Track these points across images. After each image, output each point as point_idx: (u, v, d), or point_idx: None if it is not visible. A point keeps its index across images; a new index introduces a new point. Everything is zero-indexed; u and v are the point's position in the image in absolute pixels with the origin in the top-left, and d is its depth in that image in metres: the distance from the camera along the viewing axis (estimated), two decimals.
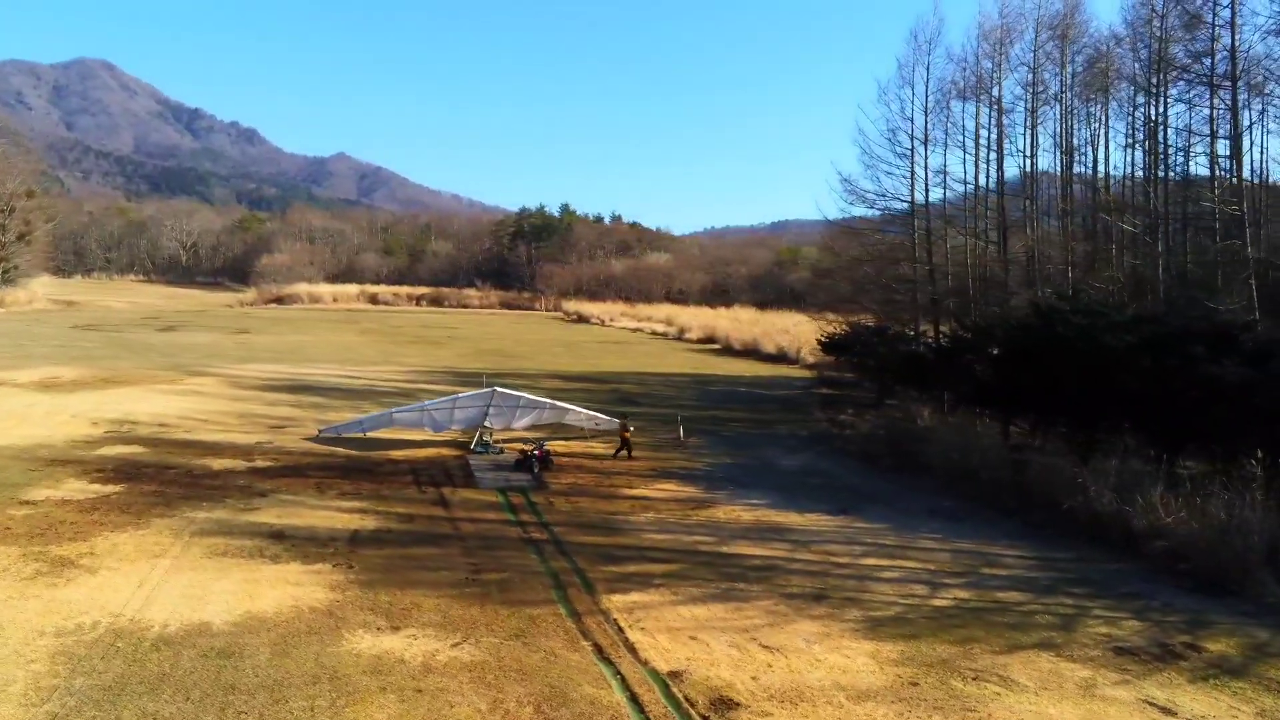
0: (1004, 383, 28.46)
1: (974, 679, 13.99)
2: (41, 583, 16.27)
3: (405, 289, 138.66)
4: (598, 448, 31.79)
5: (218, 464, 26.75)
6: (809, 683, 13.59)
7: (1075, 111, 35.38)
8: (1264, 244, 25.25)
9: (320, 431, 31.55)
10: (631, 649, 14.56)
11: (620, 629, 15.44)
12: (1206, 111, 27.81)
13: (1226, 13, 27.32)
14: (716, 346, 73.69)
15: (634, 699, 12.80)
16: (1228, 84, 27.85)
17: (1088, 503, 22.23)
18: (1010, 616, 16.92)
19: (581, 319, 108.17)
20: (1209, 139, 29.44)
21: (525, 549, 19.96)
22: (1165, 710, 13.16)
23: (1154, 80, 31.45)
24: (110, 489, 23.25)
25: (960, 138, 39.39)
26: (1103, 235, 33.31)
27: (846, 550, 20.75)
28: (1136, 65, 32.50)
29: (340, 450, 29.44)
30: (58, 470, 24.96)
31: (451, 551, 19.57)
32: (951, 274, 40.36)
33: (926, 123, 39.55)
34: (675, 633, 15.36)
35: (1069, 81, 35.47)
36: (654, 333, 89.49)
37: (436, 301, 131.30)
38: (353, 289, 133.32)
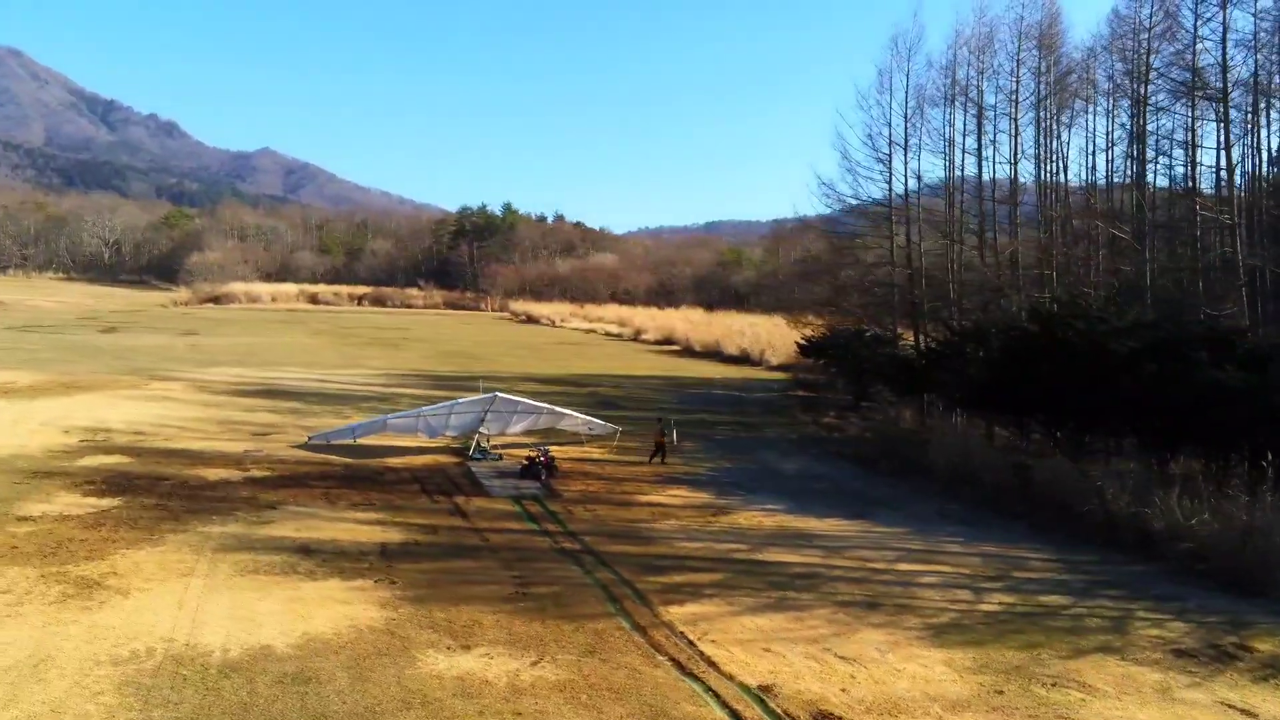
0: (1002, 386, 28.95)
1: (1053, 685, 14.10)
2: (73, 606, 15.35)
3: (345, 288, 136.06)
4: (595, 453, 31.48)
5: (212, 474, 25.71)
6: (898, 694, 13.55)
7: (1057, 119, 36.19)
8: (1264, 252, 26.11)
9: (310, 438, 30.59)
10: (711, 663, 14.33)
11: (691, 642, 15.19)
12: (1196, 120, 28.72)
13: (1215, 26, 28.38)
14: (676, 348, 73.78)
15: (736, 716, 12.59)
16: (1206, 93, 28.89)
17: (1103, 505, 22.72)
18: (1061, 620, 17.15)
19: (530, 320, 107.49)
20: (1189, 147, 30.55)
21: (562, 560, 19.57)
22: (1246, 713, 13.43)
23: (1137, 89, 32.41)
24: (108, 502, 22.15)
25: (940, 143, 40.15)
26: (1086, 241, 34.15)
27: (879, 556, 20.84)
28: (1121, 74, 33.41)
29: (335, 458, 28.56)
30: (44, 483, 23.71)
31: (489, 564, 19.07)
32: (927, 277, 41.03)
33: (906, 128, 40.26)
34: (747, 645, 15.18)
35: (1051, 89, 36.28)
36: (608, 334, 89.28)
37: (379, 301, 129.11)
38: (291, 288, 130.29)
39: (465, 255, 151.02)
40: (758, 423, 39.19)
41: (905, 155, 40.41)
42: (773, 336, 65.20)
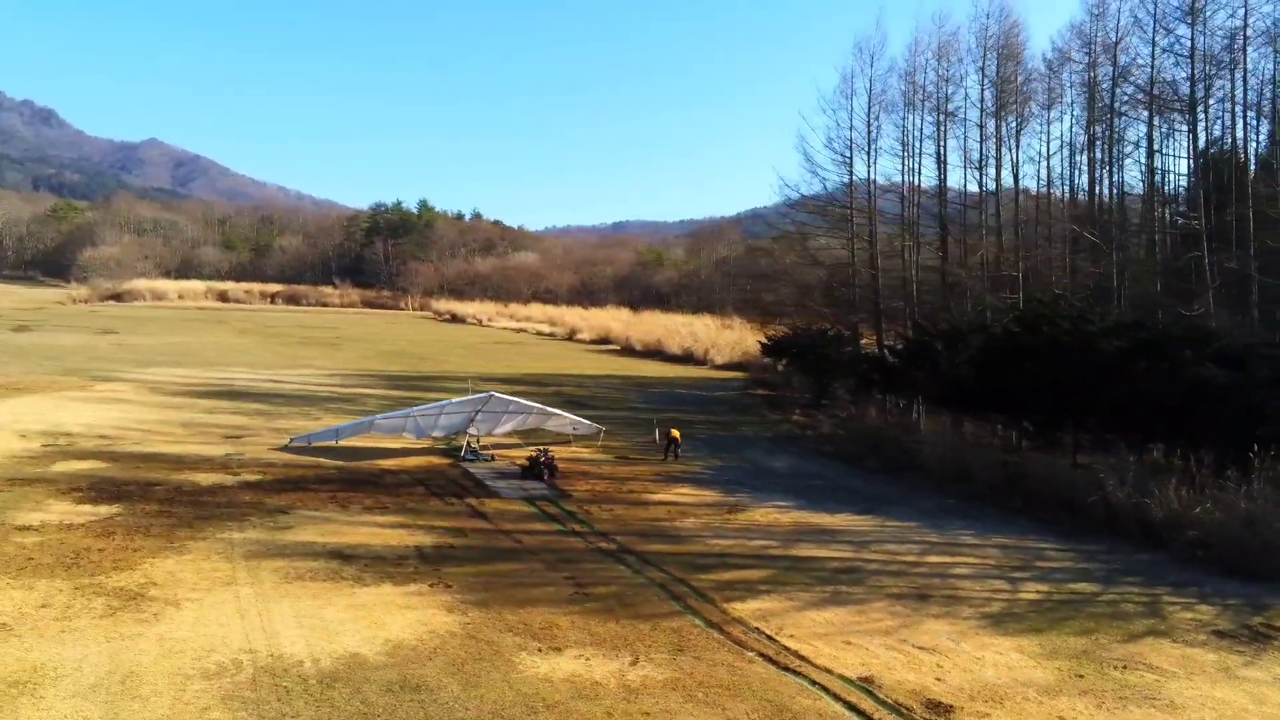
0: (986, 385, 29.91)
1: (1124, 668, 14.71)
2: (128, 619, 14.49)
3: (256, 286, 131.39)
4: (583, 452, 31.27)
5: (203, 479, 24.57)
6: (990, 681, 13.92)
7: (1019, 125, 37.63)
8: (1240, 255, 27.68)
9: (291, 440, 29.54)
10: (802, 658, 14.44)
11: (771, 638, 15.28)
12: (1156, 128, 30.28)
13: (1174, 40, 30.00)
14: (615, 348, 73.72)
15: (852, 708, 12.73)
16: (1169, 104, 30.53)
17: (1103, 497, 23.75)
18: (1099, 607, 17.87)
19: (455, 319, 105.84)
20: (1151, 155, 32.21)
21: (605, 561, 19.41)
22: None
23: (1097, 99, 33.99)
24: (107, 510, 20.97)
25: (898, 147, 41.26)
26: (1047, 243, 35.61)
27: (905, 550, 21.31)
28: (1080, 85, 34.98)
29: (324, 460, 27.65)
30: (28, 490, 22.31)
31: (534, 566, 18.78)
32: (887, 276, 42.11)
33: (869, 132, 41.26)
34: (827, 639, 15.36)
35: (1013, 96, 37.68)
36: (539, 333, 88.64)
37: (293, 300, 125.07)
38: (198, 285, 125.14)
39: (380, 253, 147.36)
40: (730, 421, 39.54)
41: (869, 158, 41.48)
42: (716, 336, 65.86)
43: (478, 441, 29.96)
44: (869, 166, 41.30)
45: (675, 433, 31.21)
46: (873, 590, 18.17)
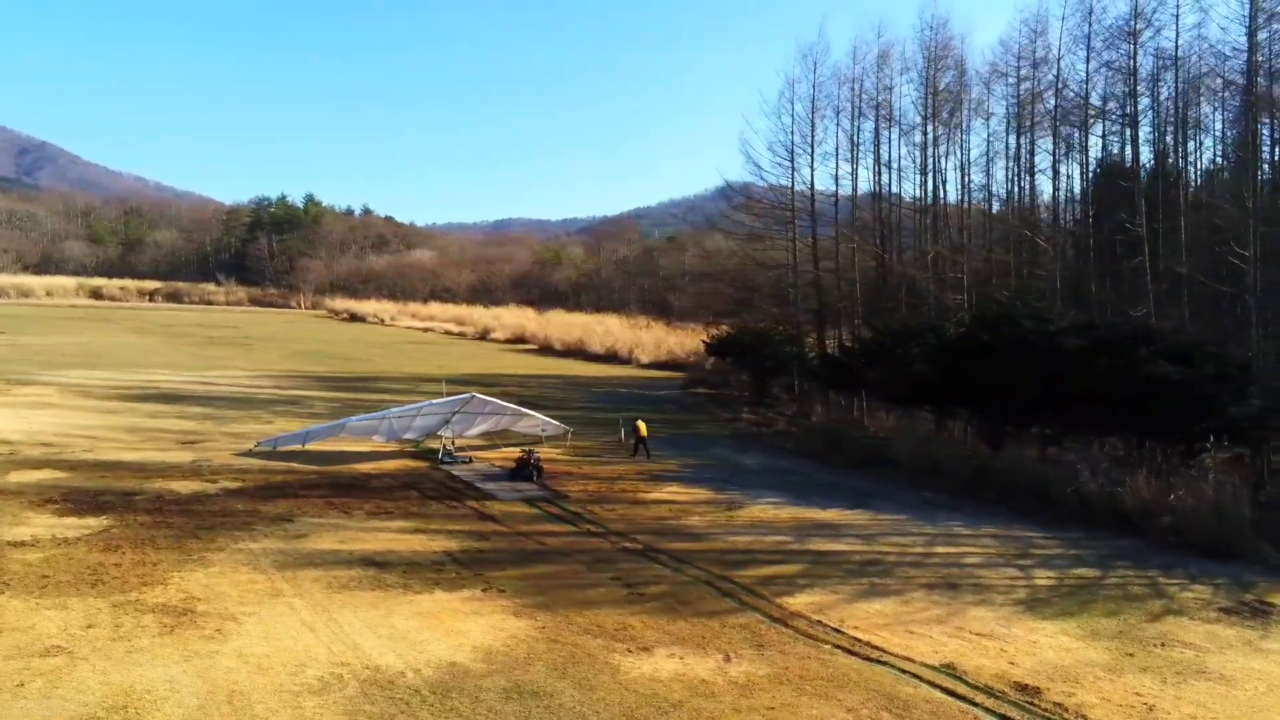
0: (947, 382, 31.22)
1: (1162, 646, 15.72)
2: (192, 637, 13.71)
3: (132, 283, 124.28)
4: (552, 453, 30.92)
5: (180, 487, 23.35)
6: (1056, 662, 14.67)
7: (963, 136, 39.41)
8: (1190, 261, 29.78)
9: (257, 445, 28.33)
10: (877, 648, 14.87)
11: (837, 630, 15.67)
12: (1108, 141, 32.32)
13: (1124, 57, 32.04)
14: (533, 347, 73.19)
15: (950, 693, 13.23)
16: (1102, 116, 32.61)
17: (1076, 488, 25.21)
18: (1110, 590, 19.00)
19: (354, 318, 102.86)
20: (1084, 164, 34.30)
21: (640, 560, 19.42)
22: None
23: (1024, 110, 35.95)
24: (96, 522, 19.73)
25: (832, 153, 42.62)
26: (988, 247, 37.44)
27: (910, 542, 22.08)
28: (1013, 97, 36.91)
29: (296, 465, 26.65)
30: None
31: (574, 568, 18.65)
32: (826, 279, 43.37)
33: (813, 136, 42.40)
34: (889, 629, 15.85)
35: (949, 106, 39.44)
36: (448, 333, 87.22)
37: (174, 298, 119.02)
38: (68, 282, 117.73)
39: (265, 249, 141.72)
40: (683, 420, 39.96)
41: (812, 162, 42.60)
42: (638, 336, 66.31)
43: (452, 443, 29.36)
44: (810, 169, 42.40)
45: (642, 427, 31.37)
46: (904, 582, 18.81)
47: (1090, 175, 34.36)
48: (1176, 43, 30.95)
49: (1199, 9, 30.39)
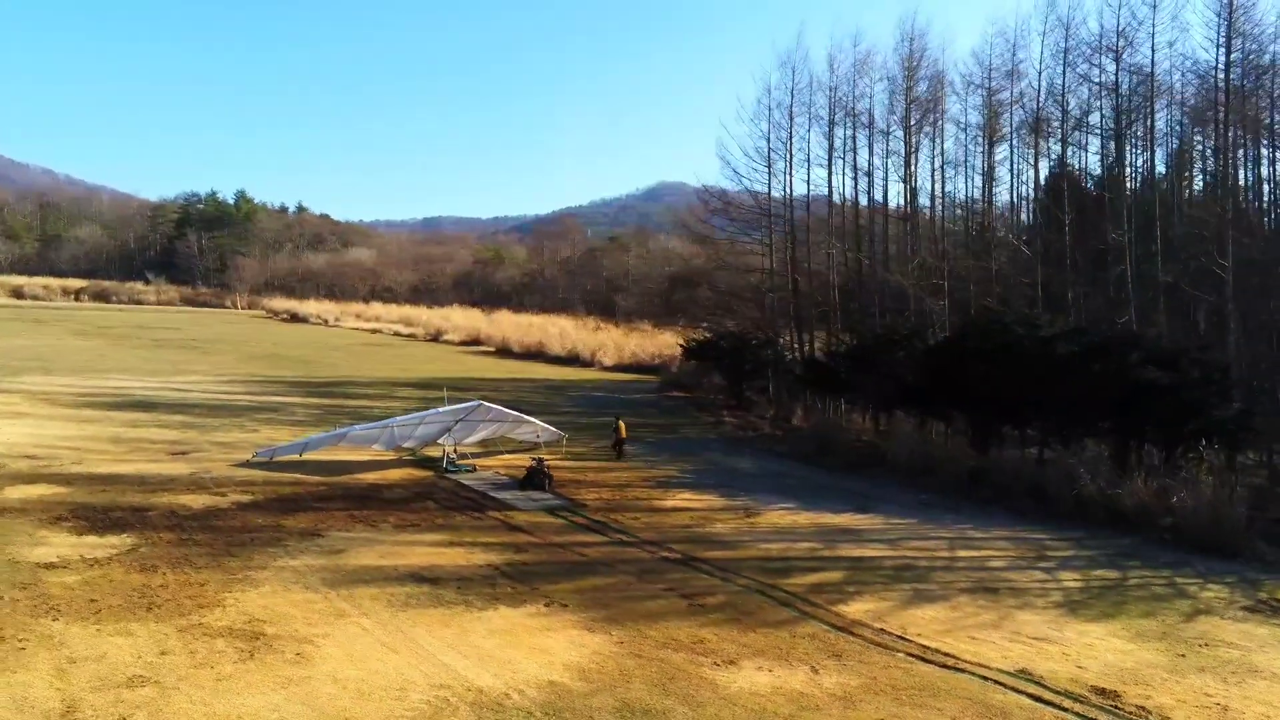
0: (937, 387, 31.95)
1: (1204, 646, 16.39)
2: (276, 662, 13.33)
3: (55, 281, 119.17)
4: (551, 458, 30.63)
5: (189, 501, 22.62)
6: (1118, 665, 15.18)
7: (939, 147, 40.31)
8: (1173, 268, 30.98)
9: (255, 454, 27.53)
10: (950, 655, 15.20)
11: (903, 637, 15.97)
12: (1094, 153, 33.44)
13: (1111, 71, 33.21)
14: (489, 349, 72.40)
15: (1037, 699, 13.60)
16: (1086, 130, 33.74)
17: (1077, 489, 26.05)
18: (1136, 590, 19.68)
19: (297, 318, 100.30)
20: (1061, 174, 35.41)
21: (683, 569, 19.45)
22: None
23: (991, 119, 36.97)
24: (118, 540, 19.06)
25: (822, 158, 43.15)
26: (978, 254, 38.33)
27: (933, 545, 22.51)
28: (982, 106, 37.93)
29: (300, 476, 26.02)
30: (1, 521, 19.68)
31: (624, 579, 18.59)
32: (804, 284, 43.94)
33: (790, 143, 42.90)
34: (952, 634, 16.21)
35: (923, 114, 40.29)
36: (398, 334, 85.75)
37: (101, 297, 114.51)
38: None
39: (195, 247, 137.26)
40: (666, 424, 40.04)
41: (789, 169, 43.11)
42: (599, 338, 66.19)
43: (454, 451, 28.96)
44: (786, 175, 42.90)
45: (623, 428, 31.80)
46: (944, 587, 19.22)
47: (1063, 186, 35.49)
48: (1153, 59, 32.25)
49: (1176, 28, 31.69)
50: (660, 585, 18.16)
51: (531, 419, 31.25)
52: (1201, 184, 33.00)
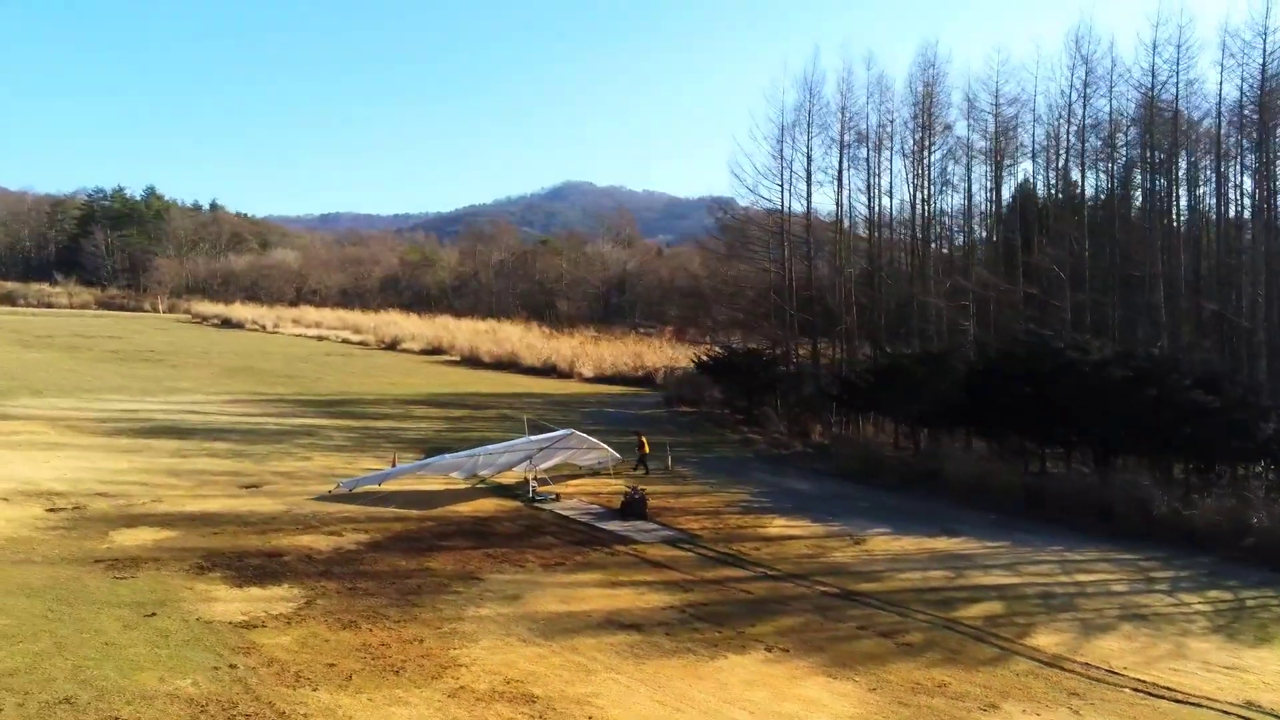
0: (978, 405, 33.08)
1: None
2: None
3: None
4: (613, 483, 30.52)
5: (310, 542, 21.88)
6: None
7: (961, 172, 41.67)
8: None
9: (339, 485, 26.60)
10: (1172, 688, 15.97)
11: (1113, 671, 16.67)
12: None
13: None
14: (455, 358, 70.94)
15: None
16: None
17: (1152, 509, 27.40)
18: (1263, 612, 20.82)
19: (229, 324, 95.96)
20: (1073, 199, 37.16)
21: (853, 605, 19.70)
22: None
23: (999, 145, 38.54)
24: (285, 592, 18.32)
25: (810, 177, 43.97)
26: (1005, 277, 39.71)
27: (1048, 570, 23.36)
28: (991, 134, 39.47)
29: (397, 510, 25.35)
30: (143, 574, 18.63)
31: (810, 619, 18.71)
32: (816, 298, 44.76)
33: (809, 164, 43.64)
34: (1154, 666, 16.99)
35: (933, 139, 41.62)
36: (347, 341, 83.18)
37: (7, 299, 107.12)
38: None
39: (102, 246, 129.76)
40: (696, 441, 40.20)
41: (809, 187, 43.85)
42: (579, 348, 65.84)
43: (534, 479, 28.52)
44: (807, 191, 43.64)
45: (645, 444, 32.24)
46: (1098, 614, 20.07)
47: (1103, 213, 37.32)
48: (1177, 95, 34.22)
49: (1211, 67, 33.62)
50: (850, 624, 18.41)
51: (604, 445, 30.96)
52: (1233, 212, 35.07)
